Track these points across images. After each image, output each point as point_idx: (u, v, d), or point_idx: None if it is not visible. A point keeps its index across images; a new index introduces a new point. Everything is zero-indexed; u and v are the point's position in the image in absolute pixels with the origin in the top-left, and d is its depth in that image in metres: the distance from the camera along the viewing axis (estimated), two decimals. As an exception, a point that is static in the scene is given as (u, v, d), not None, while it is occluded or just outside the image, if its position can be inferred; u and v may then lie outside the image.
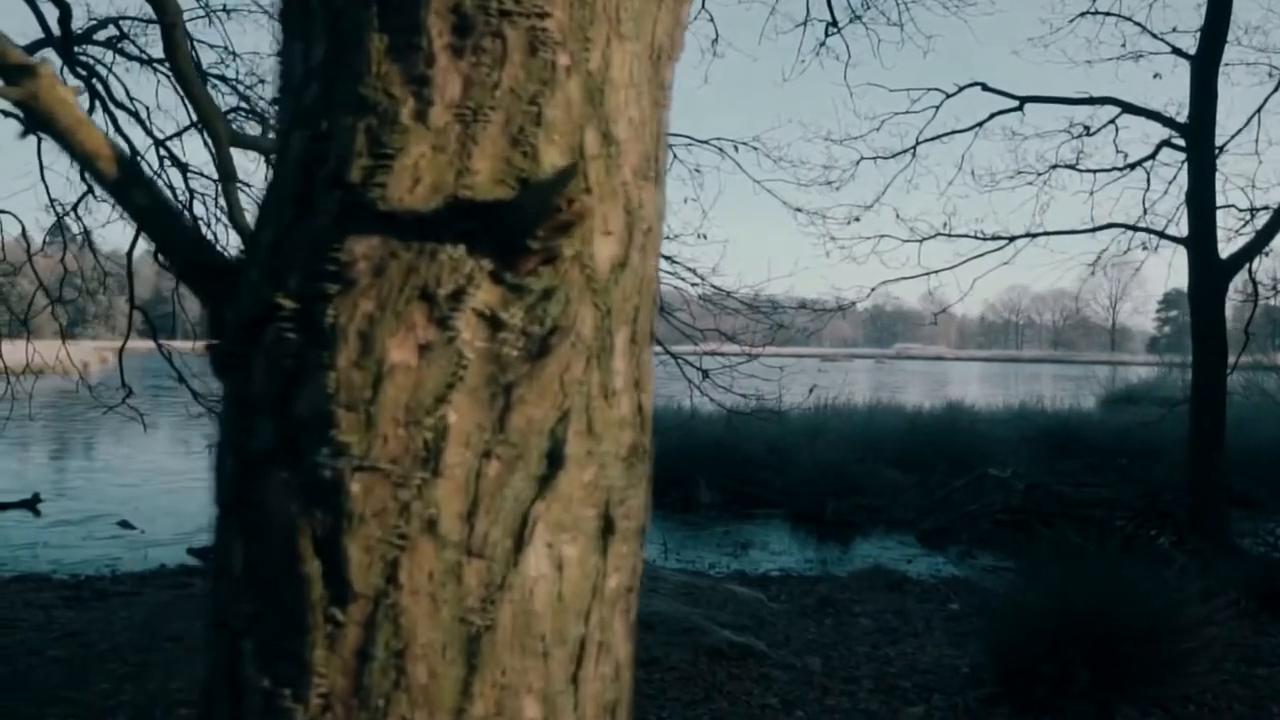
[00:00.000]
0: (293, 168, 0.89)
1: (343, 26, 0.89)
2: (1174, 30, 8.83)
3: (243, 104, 8.66)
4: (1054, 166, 9.97)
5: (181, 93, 9.41)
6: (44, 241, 10.95)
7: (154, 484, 12.41)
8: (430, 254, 0.84)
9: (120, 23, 9.65)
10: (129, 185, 0.93)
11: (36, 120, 0.93)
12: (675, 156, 8.04)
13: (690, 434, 11.64)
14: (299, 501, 0.84)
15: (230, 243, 9.87)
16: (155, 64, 9.85)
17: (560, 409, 0.89)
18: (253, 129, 9.16)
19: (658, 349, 8.42)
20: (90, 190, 10.23)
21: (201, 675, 0.93)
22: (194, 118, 9.72)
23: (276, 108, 0.97)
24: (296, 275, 0.85)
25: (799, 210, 8.68)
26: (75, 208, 10.36)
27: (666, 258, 7.68)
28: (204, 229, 9.74)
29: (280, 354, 0.85)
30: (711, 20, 9.30)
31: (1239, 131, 8.52)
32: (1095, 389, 21.76)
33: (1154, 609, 4.95)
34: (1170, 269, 10.97)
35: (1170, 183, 9.02)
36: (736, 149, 8.09)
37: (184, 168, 9.55)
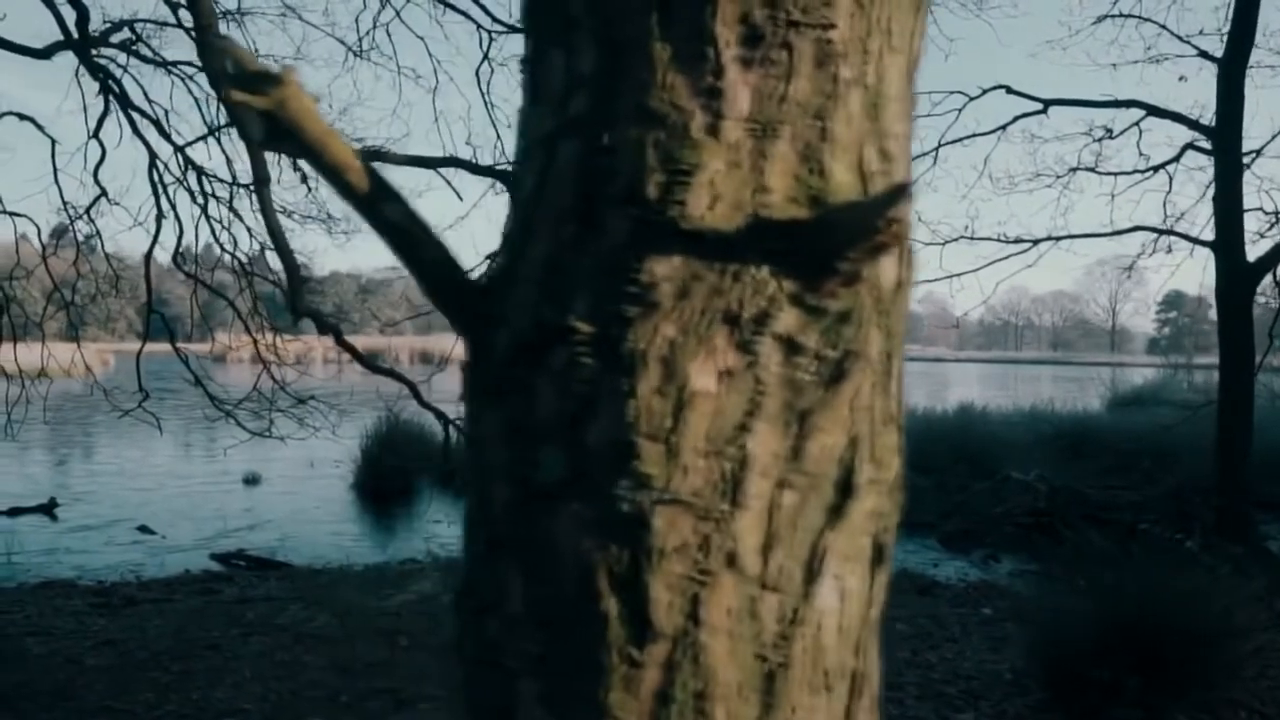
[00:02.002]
0: (565, 181, 0.85)
1: (617, 34, 0.85)
2: (1200, 33, 8.82)
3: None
4: (1074, 169, 9.97)
5: (211, 94, 9.35)
6: (54, 244, 10.89)
7: (168, 488, 12.34)
8: (734, 275, 0.80)
9: (134, 25, 9.59)
10: (380, 200, 0.89)
11: (281, 131, 0.88)
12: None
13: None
14: (595, 536, 0.80)
15: (241, 246, 9.81)
16: (170, 67, 9.81)
17: (850, 435, 0.86)
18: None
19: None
20: (103, 193, 10.19)
21: (463, 715, 0.89)
22: (208, 122, 9.70)
23: (522, 117, 0.93)
24: (585, 297, 0.81)
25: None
26: (88, 211, 10.32)
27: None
28: (218, 232, 9.69)
29: (572, 380, 0.81)
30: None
31: (1274, 138, 8.48)
32: (1100, 390, 21.77)
33: (1203, 613, 4.93)
34: (1175, 271, 10.93)
35: (1175, 185, 8.99)
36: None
37: (200, 171, 9.51)
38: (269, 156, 6.06)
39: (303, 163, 8.94)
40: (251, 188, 9.73)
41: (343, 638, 5.52)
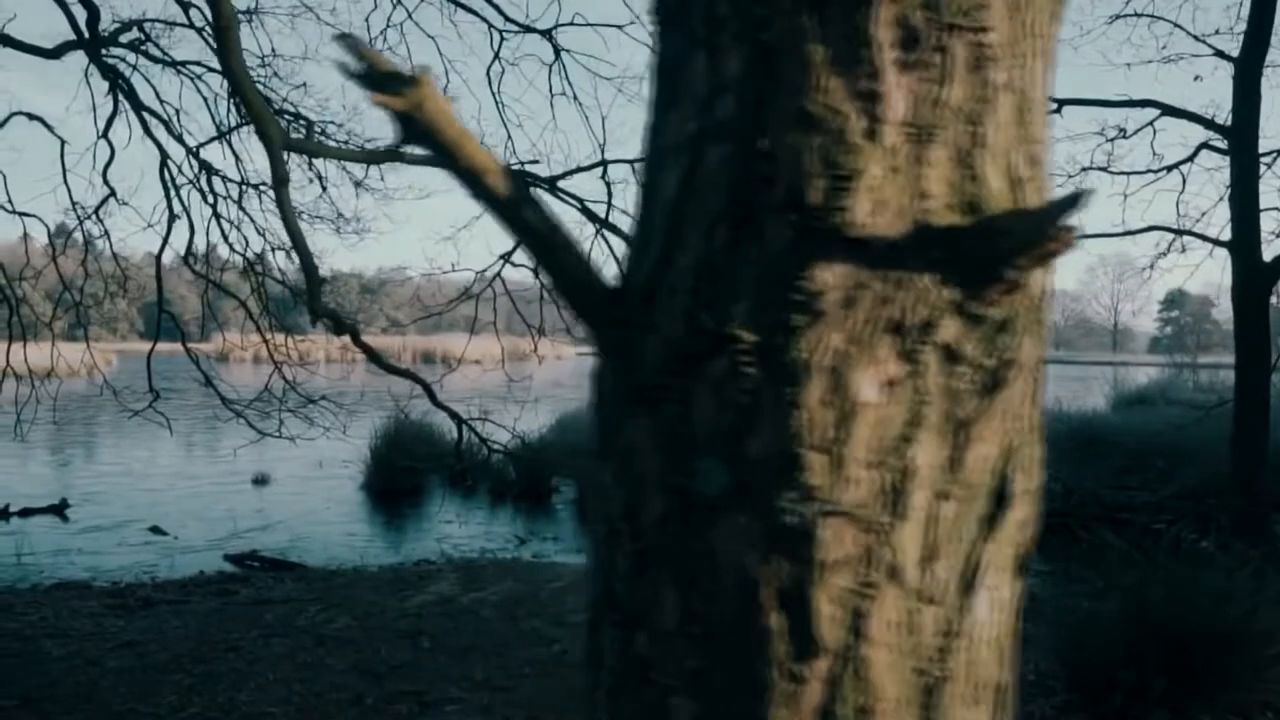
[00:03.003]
0: (717, 186, 0.83)
1: (769, 36, 0.83)
2: (1215, 32, 8.80)
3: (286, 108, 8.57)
4: (1085, 169, 9.95)
5: (220, 94, 9.34)
6: (63, 244, 10.88)
7: (178, 488, 12.31)
8: (900, 283, 0.78)
9: (144, 25, 9.58)
10: (520, 204, 0.87)
11: (416, 133, 0.87)
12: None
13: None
14: (758, 549, 0.78)
15: (251, 246, 9.79)
16: (179, 66, 9.79)
17: (1005, 445, 0.84)
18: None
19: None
20: (112, 194, 10.17)
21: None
22: (217, 122, 9.68)
23: (659, 119, 0.91)
24: (744, 304, 0.80)
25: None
26: (97, 211, 10.30)
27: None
28: (229, 233, 9.67)
29: (733, 389, 0.79)
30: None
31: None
32: (1104, 390, 21.74)
33: (1227, 615, 4.91)
34: (1195, 271, 10.94)
35: (1188, 184, 8.99)
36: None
37: (209, 170, 9.48)
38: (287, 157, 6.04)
39: (322, 162, 8.90)
40: (260, 188, 9.74)
41: (364, 639, 5.50)
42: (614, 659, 0.86)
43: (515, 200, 0.86)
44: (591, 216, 7.92)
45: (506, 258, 8.14)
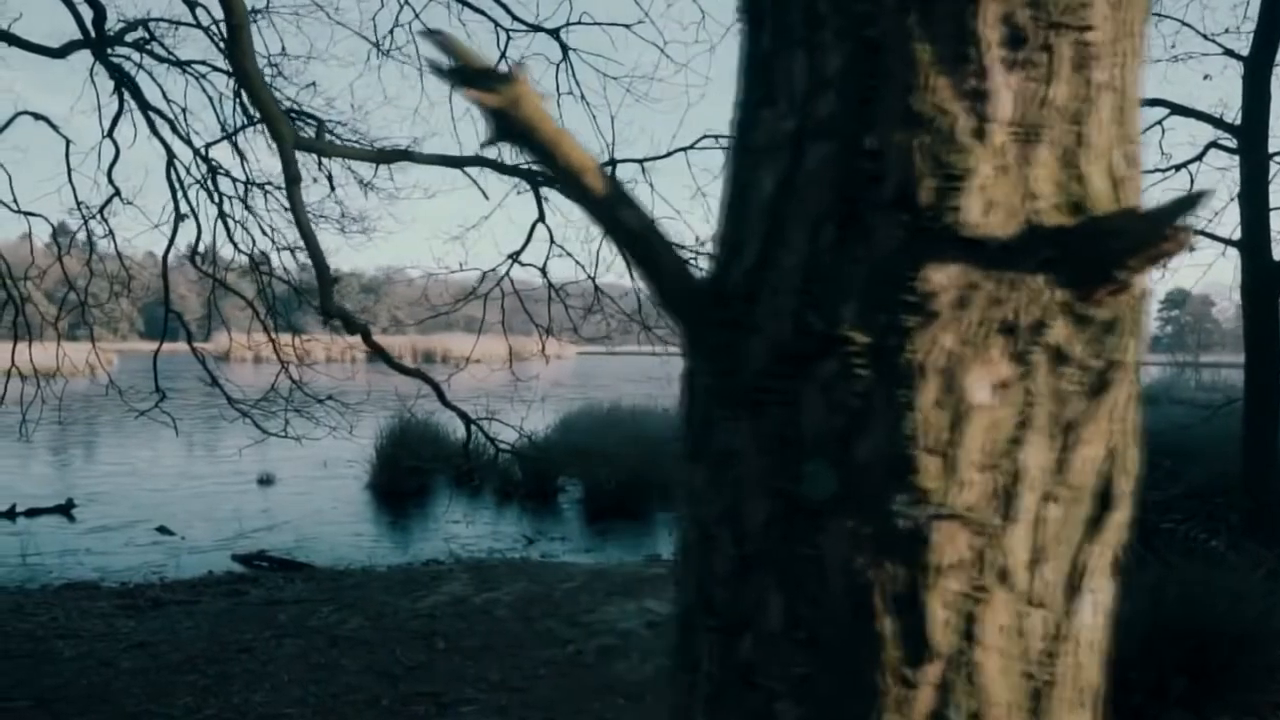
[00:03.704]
0: (820, 184, 0.82)
1: (873, 34, 0.82)
2: (1225, 31, 8.80)
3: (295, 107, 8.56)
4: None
5: (225, 94, 9.33)
6: (68, 243, 10.86)
7: (183, 489, 12.30)
8: (1012, 284, 0.77)
9: (149, 24, 9.56)
10: (618, 204, 0.86)
11: (512, 130, 0.86)
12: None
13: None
14: (869, 553, 0.77)
15: (256, 246, 9.77)
16: (184, 66, 9.77)
17: (1109, 447, 0.83)
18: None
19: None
20: (117, 193, 10.16)
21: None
22: (222, 121, 9.67)
23: (751, 116, 0.90)
24: (853, 305, 0.79)
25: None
26: (102, 210, 10.29)
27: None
28: (236, 232, 9.66)
29: (844, 391, 0.78)
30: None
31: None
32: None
33: (1243, 615, 4.91)
34: (1208, 270, 10.89)
35: (1196, 183, 8.98)
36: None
37: (214, 169, 9.47)
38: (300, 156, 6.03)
39: (332, 162, 8.88)
40: (265, 188, 9.73)
41: (378, 640, 5.49)
42: (714, 664, 0.85)
43: (613, 200, 0.85)
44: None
45: (515, 257, 8.14)
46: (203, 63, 9.82)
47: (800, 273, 0.82)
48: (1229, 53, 8.44)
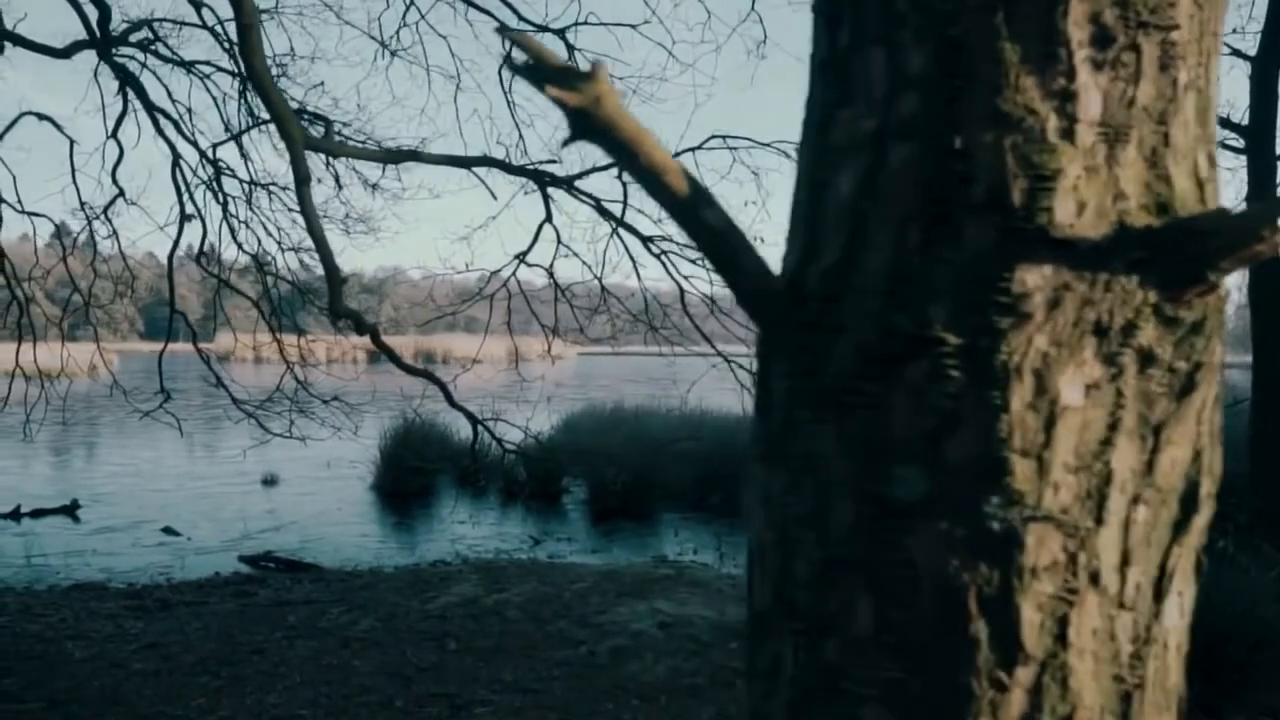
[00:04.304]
0: (906, 185, 0.82)
1: (958, 33, 0.82)
2: (1233, 31, 8.81)
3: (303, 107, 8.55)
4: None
5: (229, 94, 9.32)
6: (72, 243, 10.85)
7: (188, 489, 12.29)
8: (1105, 285, 0.77)
9: (153, 24, 9.56)
10: (699, 204, 0.85)
11: (591, 129, 0.85)
12: (736, 159, 7.97)
13: (728, 435, 11.60)
14: (961, 556, 0.77)
15: (263, 245, 9.76)
16: (189, 66, 9.76)
17: (1195, 448, 0.83)
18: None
19: (710, 351, 8.30)
20: (121, 193, 10.15)
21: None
22: (225, 120, 9.66)
23: (828, 116, 0.90)
24: (943, 306, 0.78)
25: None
26: (106, 211, 10.27)
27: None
28: (241, 233, 9.65)
29: (935, 393, 0.78)
30: (760, 22, 9.19)
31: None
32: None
33: (1259, 615, 4.92)
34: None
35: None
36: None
37: (219, 170, 9.46)
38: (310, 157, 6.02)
39: (338, 162, 8.87)
40: (269, 188, 9.73)
41: (390, 641, 5.48)
42: (797, 669, 0.84)
43: (694, 200, 0.85)
44: (608, 215, 7.91)
45: (522, 257, 8.13)
46: (207, 63, 9.81)
47: (886, 274, 0.81)
48: (1236, 53, 8.44)
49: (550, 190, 7.76)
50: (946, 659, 0.78)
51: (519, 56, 0.87)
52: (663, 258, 7.96)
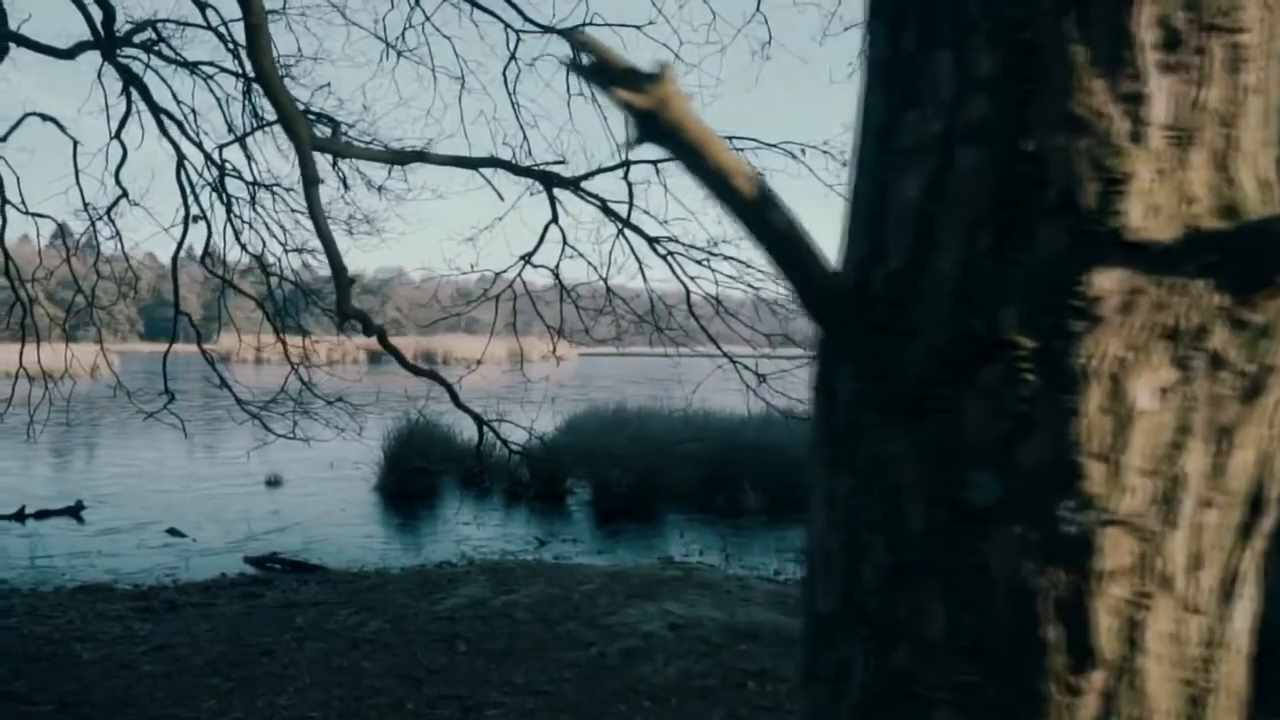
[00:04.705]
0: (975, 188, 0.82)
1: (1029, 36, 0.82)
2: None
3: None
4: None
5: (233, 95, 9.32)
6: (76, 244, 10.84)
7: (192, 490, 12.28)
8: (1177, 289, 0.77)
9: (157, 25, 9.55)
10: (766, 207, 0.85)
11: (658, 131, 0.85)
12: (742, 159, 7.96)
13: (731, 437, 11.59)
14: (1034, 560, 0.77)
15: (265, 247, 9.76)
16: (193, 67, 9.76)
17: (1263, 451, 0.83)
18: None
19: (714, 352, 8.30)
20: (124, 194, 10.14)
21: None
22: (229, 121, 9.65)
23: (892, 119, 0.90)
24: (1015, 309, 0.78)
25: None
26: (109, 212, 10.26)
27: (742, 261, 7.59)
28: (246, 234, 9.64)
29: (1009, 397, 0.77)
30: (765, 22, 9.20)
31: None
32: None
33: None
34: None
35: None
36: (804, 152, 7.87)
37: (224, 171, 9.45)
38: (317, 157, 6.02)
39: (344, 163, 8.87)
40: (273, 189, 9.72)
41: (399, 643, 5.48)
42: (866, 673, 0.84)
43: (760, 203, 0.85)
44: (613, 216, 7.91)
45: (527, 258, 8.13)
46: (210, 64, 9.81)
47: (957, 277, 0.81)
48: None
49: (555, 191, 7.76)
50: (1019, 663, 0.78)
51: (581, 58, 0.87)
52: (669, 258, 7.96)
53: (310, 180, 5.98)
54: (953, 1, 0.85)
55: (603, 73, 0.84)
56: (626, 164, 8.23)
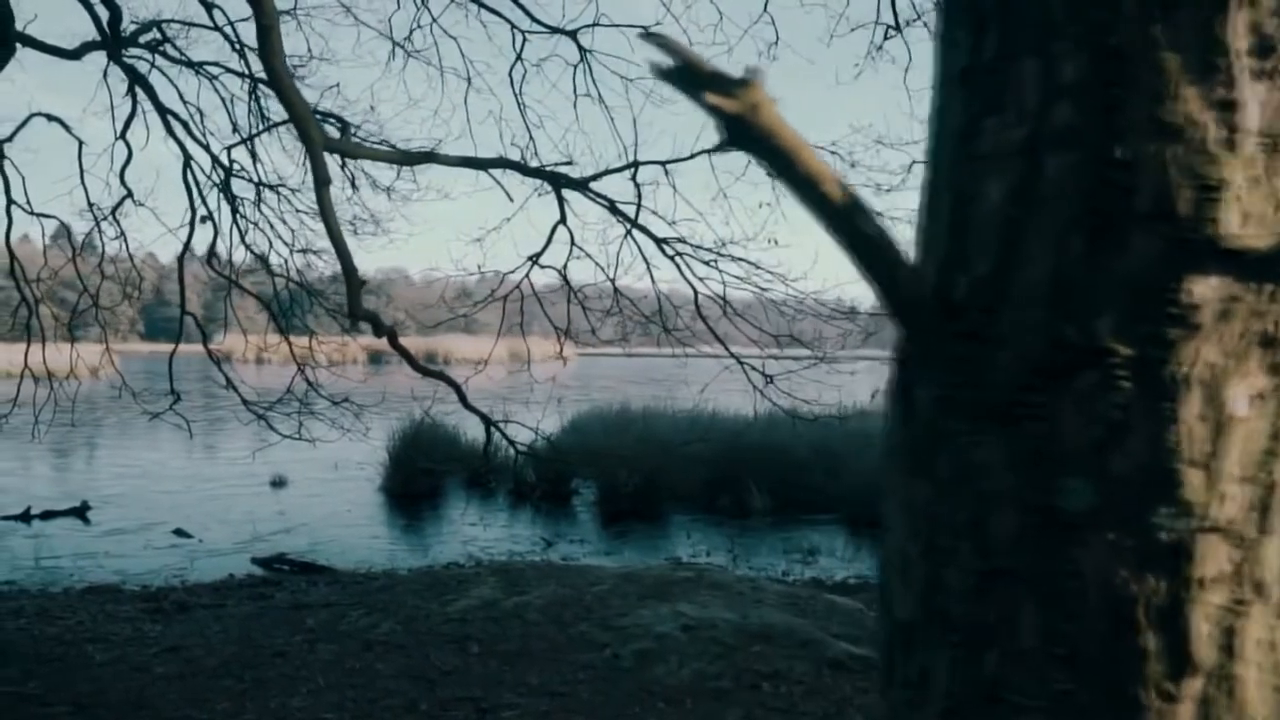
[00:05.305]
0: (1064, 195, 0.82)
1: (1114, 42, 0.82)
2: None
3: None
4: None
5: (238, 96, 9.32)
6: (81, 245, 10.82)
7: (197, 491, 12.27)
8: (1272, 296, 0.77)
9: (162, 26, 9.55)
10: (854, 213, 0.85)
11: (747, 137, 0.85)
12: (751, 160, 7.96)
13: (737, 437, 11.59)
14: (1130, 567, 0.77)
15: (269, 247, 9.76)
16: (198, 68, 9.75)
17: (1350, 459, 0.83)
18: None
19: (721, 352, 8.30)
20: (129, 195, 10.13)
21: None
22: (234, 122, 9.65)
23: (973, 125, 0.89)
24: (1110, 317, 0.78)
25: (879, 215, 8.50)
26: (114, 212, 10.26)
27: (750, 262, 7.59)
28: (253, 235, 9.64)
29: (1103, 404, 0.77)
30: (773, 23, 9.21)
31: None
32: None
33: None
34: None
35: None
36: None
37: (230, 172, 9.45)
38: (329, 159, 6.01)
39: (353, 164, 8.87)
40: (279, 190, 9.72)
41: (412, 644, 5.47)
42: (953, 680, 0.84)
43: (849, 209, 0.85)
44: (622, 217, 7.91)
45: (535, 259, 8.12)
46: (215, 64, 9.80)
47: (1048, 284, 0.81)
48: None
49: (564, 192, 7.76)
50: (1114, 670, 0.77)
51: (660, 60, 0.87)
52: (677, 259, 7.96)
53: (322, 182, 5.97)
54: (1037, 8, 0.85)
55: (689, 77, 0.84)
56: (635, 165, 8.24)
